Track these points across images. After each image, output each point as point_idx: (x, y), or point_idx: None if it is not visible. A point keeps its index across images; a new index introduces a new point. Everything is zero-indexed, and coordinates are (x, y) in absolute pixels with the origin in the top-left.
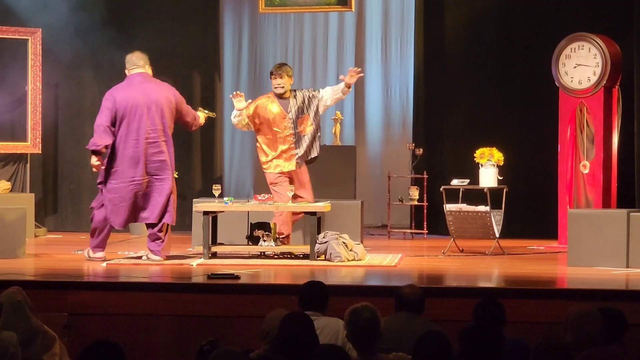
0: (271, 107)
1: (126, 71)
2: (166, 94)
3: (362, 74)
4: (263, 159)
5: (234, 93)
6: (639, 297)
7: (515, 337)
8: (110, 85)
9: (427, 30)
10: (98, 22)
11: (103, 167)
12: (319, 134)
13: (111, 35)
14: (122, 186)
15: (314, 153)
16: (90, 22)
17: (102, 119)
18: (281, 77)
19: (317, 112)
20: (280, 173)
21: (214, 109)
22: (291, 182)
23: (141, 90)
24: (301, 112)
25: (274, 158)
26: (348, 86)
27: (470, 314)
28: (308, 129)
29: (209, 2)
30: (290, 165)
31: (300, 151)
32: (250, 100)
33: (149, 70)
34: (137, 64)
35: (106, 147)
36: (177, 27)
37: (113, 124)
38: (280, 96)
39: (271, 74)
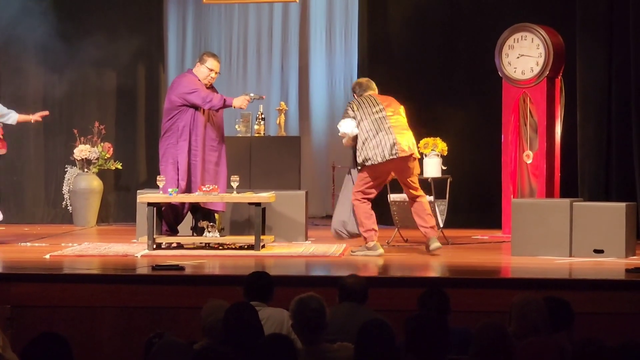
0: None
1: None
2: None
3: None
4: None
5: None
6: (582, 286)
7: (460, 326)
8: (53, 76)
9: (371, 21)
10: (41, 11)
11: None
12: None
13: (54, 25)
14: None
15: None
16: (34, 10)
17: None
18: None
19: None
20: None
21: (158, 98)
22: None
23: None
24: None
25: None
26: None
27: (414, 304)
28: None
29: None
30: None
31: None
32: None
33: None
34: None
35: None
36: (121, 17)
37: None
38: None
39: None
